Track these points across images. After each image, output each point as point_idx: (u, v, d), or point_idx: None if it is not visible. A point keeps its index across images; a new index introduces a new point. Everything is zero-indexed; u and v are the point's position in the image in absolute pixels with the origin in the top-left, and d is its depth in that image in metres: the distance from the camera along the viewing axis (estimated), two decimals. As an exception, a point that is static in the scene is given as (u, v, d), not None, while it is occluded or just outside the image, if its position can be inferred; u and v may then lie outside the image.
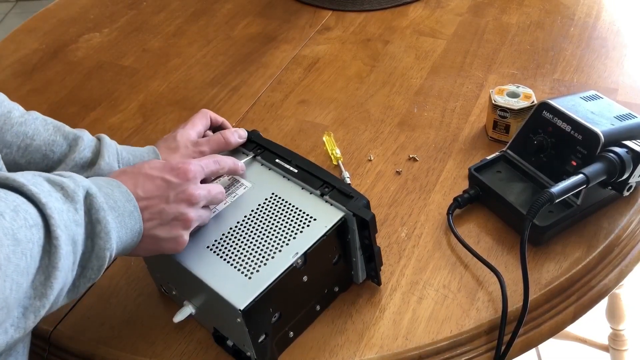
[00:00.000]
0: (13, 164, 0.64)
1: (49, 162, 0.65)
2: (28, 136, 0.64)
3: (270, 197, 0.66)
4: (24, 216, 0.44)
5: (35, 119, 0.66)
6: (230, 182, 0.69)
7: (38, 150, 0.65)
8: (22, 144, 0.64)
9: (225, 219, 0.65)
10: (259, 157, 0.71)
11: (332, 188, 0.64)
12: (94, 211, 0.49)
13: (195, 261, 0.60)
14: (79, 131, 0.68)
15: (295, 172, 0.67)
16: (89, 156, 0.67)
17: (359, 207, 0.62)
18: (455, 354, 0.64)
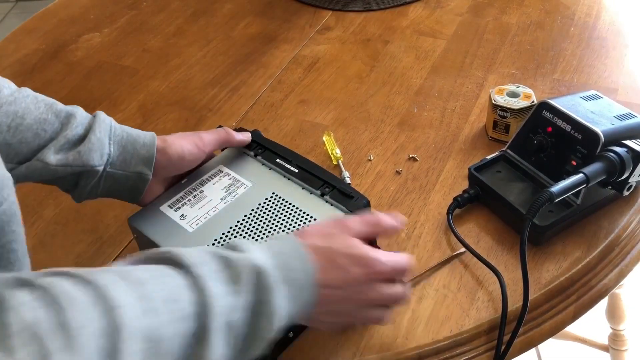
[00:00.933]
0: (4, 144, 0.61)
1: (40, 140, 0.63)
2: (18, 115, 0.62)
3: (271, 197, 0.66)
4: (180, 306, 0.43)
5: (26, 96, 0.64)
6: (231, 182, 0.69)
7: (29, 129, 0.62)
8: (13, 124, 0.61)
9: (226, 218, 0.65)
10: (260, 156, 0.71)
11: (333, 188, 0.64)
12: (263, 292, 0.48)
13: None
14: (72, 108, 0.66)
15: (296, 172, 0.67)
16: (81, 132, 0.64)
17: (359, 207, 0.62)
18: (455, 353, 0.64)
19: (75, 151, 0.63)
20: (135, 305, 0.40)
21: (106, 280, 0.40)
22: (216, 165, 0.72)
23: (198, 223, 0.66)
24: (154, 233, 0.66)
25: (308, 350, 0.64)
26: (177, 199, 0.69)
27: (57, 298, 0.37)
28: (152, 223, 0.67)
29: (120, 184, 0.67)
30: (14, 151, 0.61)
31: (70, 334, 0.36)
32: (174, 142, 0.69)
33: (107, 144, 0.65)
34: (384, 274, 0.55)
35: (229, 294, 0.46)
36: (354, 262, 0.53)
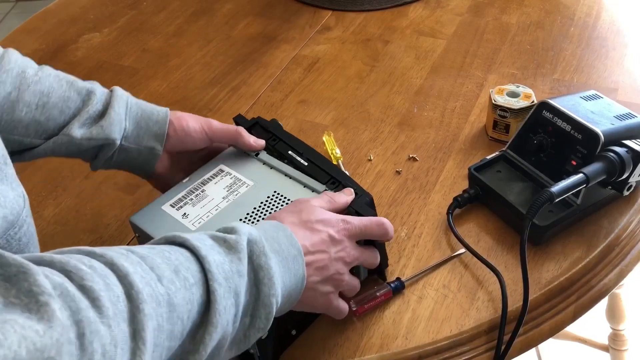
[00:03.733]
0: (33, 121, 0.65)
1: (65, 117, 0.67)
2: (44, 94, 0.66)
3: (273, 195, 0.66)
4: (185, 275, 0.45)
5: (49, 75, 0.67)
6: (233, 181, 0.69)
7: (55, 106, 0.66)
8: (40, 102, 0.65)
9: (228, 216, 0.65)
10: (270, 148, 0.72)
11: (338, 184, 0.65)
12: (255, 257, 0.50)
13: None
14: (90, 85, 0.69)
15: (306, 164, 0.67)
16: (100, 108, 0.68)
17: (361, 205, 0.62)
18: (455, 353, 0.64)
19: (97, 125, 0.67)
20: (144, 275, 0.42)
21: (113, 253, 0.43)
22: (217, 164, 0.72)
23: (200, 222, 0.66)
24: (155, 231, 0.65)
25: (308, 350, 0.64)
26: (179, 198, 0.69)
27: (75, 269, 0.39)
28: (154, 222, 0.67)
29: (132, 157, 0.70)
30: (42, 128, 0.65)
31: (93, 295, 0.38)
32: (182, 117, 0.72)
33: (124, 118, 0.69)
34: (356, 231, 0.60)
35: (231, 262, 0.48)
36: (327, 224, 0.58)
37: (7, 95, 0.64)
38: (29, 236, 0.56)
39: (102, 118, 0.68)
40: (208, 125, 0.72)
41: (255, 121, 0.76)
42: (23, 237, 0.55)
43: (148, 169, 0.72)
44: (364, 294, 0.66)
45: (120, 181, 0.88)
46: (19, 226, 0.54)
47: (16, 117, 0.64)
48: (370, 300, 0.65)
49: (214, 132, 0.72)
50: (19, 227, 0.54)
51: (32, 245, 0.57)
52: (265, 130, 0.74)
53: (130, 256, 0.43)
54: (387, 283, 0.67)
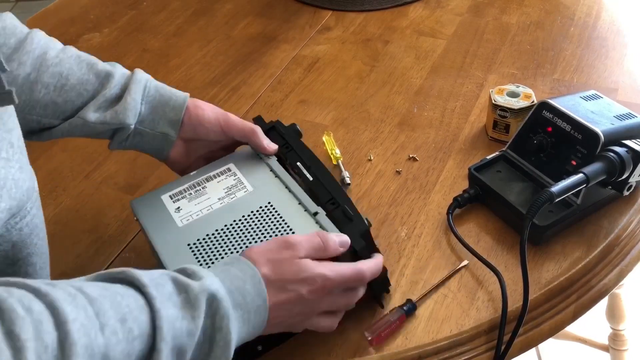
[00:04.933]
0: (51, 102, 0.66)
1: (82, 99, 0.68)
2: (63, 76, 0.67)
3: (265, 206, 0.65)
4: (130, 327, 0.43)
5: (70, 57, 0.68)
6: (234, 183, 0.69)
7: (73, 89, 0.67)
8: (58, 84, 0.66)
9: (215, 219, 0.65)
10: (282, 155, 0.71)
11: (338, 205, 0.63)
12: (217, 318, 0.48)
13: (171, 257, 0.61)
14: (111, 67, 0.70)
15: (310, 179, 0.67)
16: (117, 92, 0.69)
17: (353, 233, 0.61)
18: (455, 353, 0.64)
19: (112, 110, 0.68)
20: (85, 322, 0.40)
21: (60, 293, 0.41)
22: (227, 163, 0.72)
23: (189, 219, 0.66)
24: (146, 220, 0.67)
25: (308, 350, 0.64)
26: (179, 191, 0.69)
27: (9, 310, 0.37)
28: (149, 210, 0.68)
29: (146, 140, 0.72)
30: (59, 109, 0.67)
31: (18, 344, 0.36)
32: (200, 106, 0.72)
33: (140, 103, 0.69)
34: (333, 287, 0.57)
35: (183, 318, 0.46)
36: (303, 284, 0.55)
37: (27, 77, 0.65)
38: (32, 227, 0.56)
39: (117, 102, 0.68)
40: (224, 118, 0.72)
41: (273, 125, 0.76)
42: (25, 228, 0.55)
43: (162, 153, 0.73)
44: (378, 322, 0.64)
45: (120, 181, 0.88)
46: (21, 216, 0.54)
47: (34, 98, 0.65)
48: (385, 328, 0.63)
49: (230, 126, 0.72)
50: (20, 218, 0.54)
51: (35, 237, 0.58)
52: (280, 136, 0.74)
53: (77, 298, 0.41)
54: (400, 307, 0.65)
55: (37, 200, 0.58)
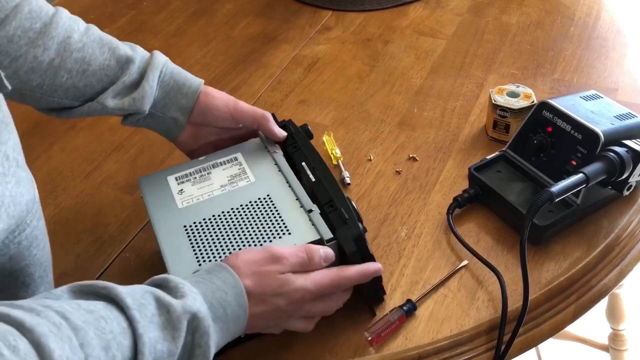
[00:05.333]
0: (72, 87, 0.67)
1: (102, 84, 0.69)
2: (85, 61, 0.67)
3: (264, 198, 0.67)
4: (114, 354, 0.44)
5: (93, 40, 0.69)
6: (238, 172, 0.70)
7: (94, 74, 0.68)
8: (80, 69, 0.67)
9: (214, 204, 0.67)
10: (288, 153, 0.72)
11: (336, 208, 0.63)
12: (197, 335, 0.49)
13: (167, 236, 0.64)
14: (132, 51, 0.71)
15: (313, 180, 0.67)
16: (136, 77, 0.70)
17: (345, 237, 0.61)
18: (455, 353, 0.64)
19: (130, 97, 0.69)
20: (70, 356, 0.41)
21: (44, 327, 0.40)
22: (235, 152, 0.74)
23: (190, 202, 0.68)
24: (150, 198, 0.69)
25: (308, 350, 0.64)
26: (185, 174, 0.72)
27: None
28: (153, 188, 0.70)
29: (157, 122, 0.74)
30: (80, 92, 0.68)
31: None
32: (210, 93, 0.74)
33: (155, 89, 0.71)
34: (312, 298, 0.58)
35: (164, 340, 0.47)
36: (282, 297, 0.56)
37: (51, 62, 0.65)
38: (31, 239, 0.56)
39: (135, 89, 0.69)
40: (234, 105, 0.73)
41: (285, 124, 0.77)
42: (24, 241, 0.55)
43: (171, 135, 0.75)
44: (378, 322, 0.64)
45: (120, 181, 0.88)
46: (20, 230, 0.54)
47: (57, 82, 0.66)
48: (385, 329, 0.64)
49: (240, 113, 0.73)
50: (19, 232, 0.54)
51: (35, 248, 0.57)
52: (290, 135, 0.75)
53: (62, 329, 0.41)
54: (400, 307, 0.65)
55: (37, 211, 0.58)
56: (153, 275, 0.70)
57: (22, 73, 0.64)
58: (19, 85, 0.65)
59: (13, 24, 0.62)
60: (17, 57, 0.63)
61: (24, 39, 0.63)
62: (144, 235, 0.79)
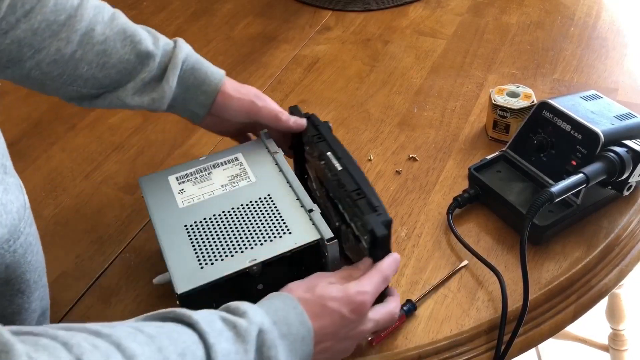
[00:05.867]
0: (92, 78, 0.67)
1: (121, 76, 0.69)
2: (106, 54, 0.67)
3: (264, 198, 0.67)
4: None
5: (116, 33, 0.68)
6: (239, 172, 0.70)
7: (114, 67, 0.68)
8: (101, 62, 0.67)
9: (214, 204, 0.67)
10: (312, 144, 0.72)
11: (363, 196, 0.63)
12: (265, 349, 0.49)
13: (167, 235, 0.64)
14: (153, 47, 0.70)
15: (339, 169, 0.66)
16: (156, 74, 0.70)
17: (376, 222, 0.60)
18: (454, 353, 0.64)
19: (149, 97, 0.69)
20: (151, 356, 0.41)
21: (121, 332, 0.41)
22: (236, 152, 0.75)
23: (190, 202, 0.68)
24: (150, 197, 0.69)
25: (308, 350, 0.64)
26: (186, 174, 0.72)
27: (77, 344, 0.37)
28: (154, 188, 0.71)
29: (177, 112, 0.74)
30: (98, 82, 0.68)
31: None
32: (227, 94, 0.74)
33: (174, 87, 0.71)
34: (371, 298, 0.57)
35: (236, 353, 0.47)
36: (341, 302, 0.55)
37: (73, 54, 0.65)
38: (25, 247, 0.55)
39: (155, 88, 0.70)
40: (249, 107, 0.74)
41: (309, 116, 0.76)
42: (19, 249, 0.54)
43: (193, 122, 0.76)
44: None
45: (120, 181, 0.88)
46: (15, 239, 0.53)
47: (77, 73, 0.66)
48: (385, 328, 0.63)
49: (255, 114, 0.74)
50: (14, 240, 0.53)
51: (30, 254, 0.57)
52: (314, 127, 0.74)
53: (138, 336, 0.42)
54: (400, 307, 0.65)
55: (29, 217, 0.57)
56: (153, 275, 0.70)
57: (45, 65, 0.64)
58: (40, 76, 0.65)
59: (38, 17, 0.62)
60: (40, 49, 0.63)
61: (48, 32, 0.63)
62: (144, 235, 0.79)
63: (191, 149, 0.93)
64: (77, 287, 0.73)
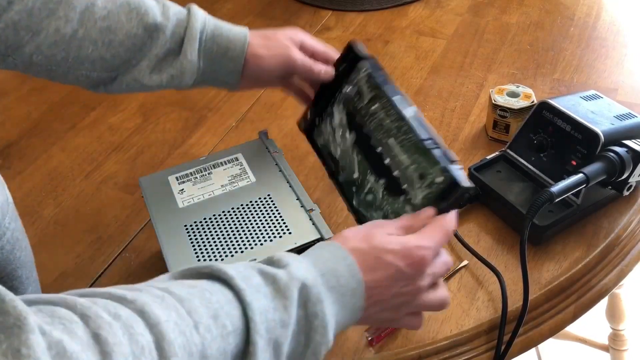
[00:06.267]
0: (99, 58, 0.63)
1: (131, 53, 0.64)
2: (111, 31, 0.62)
3: (264, 198, 0.67)
4: (223, 322, 0.41)
5: (119, 6, 0.63)
6: (239, 172, 0.71)
7: (121, 44, 0.63)
8: (106, 40, 0.62)
9: (215, 204, 0.67)
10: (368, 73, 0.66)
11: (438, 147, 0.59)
12: (310, 304, 0.45)
13: (167, 235, 0.64)
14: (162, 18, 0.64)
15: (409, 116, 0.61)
16: (171, 47, 0.65)
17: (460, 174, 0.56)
18: (455, 353, 0.64)
19: (167, 74, 0.65)
20: (179, 322, 0.39)
21: (147, 297, 0.39)
22: (237, 152, 0.75)
23: (190, 201, 0.68)
24: (150, 197, 0.70)
25: (308, 350, 0.64)
26: (186, 174, 0.72)
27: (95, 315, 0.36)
28: (154, 188, 0.71)
29: (210, 84, 0.69)
30: (107, 63, 0.63)
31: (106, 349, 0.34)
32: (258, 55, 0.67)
33: (197, 60, 0.65)
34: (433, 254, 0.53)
35: (275, 310, 0.44)
36: (398, 256, 0.51)
37: (74, 34, 0.61)
38: (13, 242, 0.55)
39: (173, 62, 0.65)
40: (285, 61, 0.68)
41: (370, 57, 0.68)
42: (6, 245, 0.54)
43: (230, 90, 0.72)
44: None
45: (120, 181, 0.88)
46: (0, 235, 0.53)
47: (83, 55, 0.62)
48: (385, 329, 0.63)
49: (292, 68, 0.68)
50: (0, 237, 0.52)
51: (18, 250, 0.56)
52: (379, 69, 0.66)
53: (166, 299, 0.40)
54: None
55: (13, 212, 0.56)
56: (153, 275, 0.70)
57: (45, 48, 0.60)
58: (44, 61, 0.61)
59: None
60: (38, 31, 0.59)
61: (44, 11, 0.59)
62: (144, 235, 0.79)
63: (191, 149, 0.93)
64: (77, 287, 0.73)
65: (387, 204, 0.60)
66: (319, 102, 0.72)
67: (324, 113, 0.70)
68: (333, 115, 0.69)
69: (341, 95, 0.68)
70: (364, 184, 0.63)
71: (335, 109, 0.69)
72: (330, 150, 0.69)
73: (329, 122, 0.69)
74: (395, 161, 0.60)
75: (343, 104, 0.68)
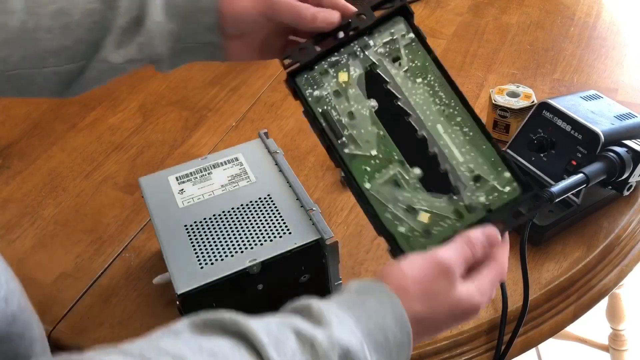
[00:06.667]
0: (62, 48, 0.54)
1: (95, 33, 0.54)
2: (65, 12, 0.53)
3: (264, 198, 0.67)
4: None
5: None
6: (239, 172, 0.71)
7: (80, 24, 0.54)
8: (62, 23, 0.53)
9: (214, 204, 0.67)
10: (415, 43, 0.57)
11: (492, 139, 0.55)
12: None
13: (167, 235, 0.64)
14: None
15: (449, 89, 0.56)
16: (135, 15, 0.55)
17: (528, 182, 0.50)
18: (454, 353, 0.64)
19: (134, 43, 0.55)
20: None
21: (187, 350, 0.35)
22: (237, 152, 0.75)
23: (190, 202, 0.68)
24: (150, 197, 0.69)
25: (308, 350, 0.64)
26: (186, 174, 0.72)
27: None
28: (154, 188, 0.71)
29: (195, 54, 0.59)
30: (72, 52, 0.54)
31: None
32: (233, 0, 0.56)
33: (165, 22, 0.55)
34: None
35: None
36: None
37: (23, 26, 0.52)
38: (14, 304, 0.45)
39: (139, 28, 0.55)
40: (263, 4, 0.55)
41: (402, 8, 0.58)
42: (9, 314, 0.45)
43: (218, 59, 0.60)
44: None
45: (120, 181, 0.88)
46: None
47: (41, 48, 0.53)
48: None
49: (273, 12, 0.55)
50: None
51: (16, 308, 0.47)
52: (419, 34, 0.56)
53: None
54: None
55: None
56: (153, 276, 0.70)
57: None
58: (2, 68, 0.52)
59: None
60: None
61: None
62: (144, 235, 0.79)
63: (191, 149, 0.93)
64: (77, 287, 0.73)
65: (419, 201, 0.51)
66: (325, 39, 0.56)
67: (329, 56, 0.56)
68: (343, 67, 0.55)
69: (362, 44, 0.56)
70: (386, 167, 0.53)
71: (351, 60, 0.55)
72: (327, 108, 0.56)
73: (335, 74, 0.56)
74: (443, 153, 0.52)
75: (362, 59, 0.55)
